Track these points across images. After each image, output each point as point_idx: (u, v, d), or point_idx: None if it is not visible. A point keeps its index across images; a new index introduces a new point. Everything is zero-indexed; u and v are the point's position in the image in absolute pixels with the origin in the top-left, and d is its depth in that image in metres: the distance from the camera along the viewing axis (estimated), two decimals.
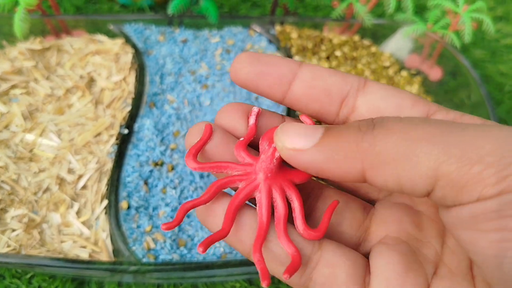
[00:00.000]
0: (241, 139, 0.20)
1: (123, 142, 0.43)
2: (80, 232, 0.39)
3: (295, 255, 0.17)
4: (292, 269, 0.17)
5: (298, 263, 0.17)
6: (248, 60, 0.19)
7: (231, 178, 0.19)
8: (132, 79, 0.49)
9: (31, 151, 0.43)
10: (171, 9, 0.48)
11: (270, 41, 0.56)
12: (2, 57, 0.48)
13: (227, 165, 0.19)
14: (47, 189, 0.41)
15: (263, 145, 0.20)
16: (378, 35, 0.60)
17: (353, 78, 0.19)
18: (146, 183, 0.42)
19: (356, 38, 0.58)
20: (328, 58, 0.55)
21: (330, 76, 0.19)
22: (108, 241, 0.39)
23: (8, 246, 0.37)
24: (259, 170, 0.19)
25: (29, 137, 0.43)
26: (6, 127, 0.44)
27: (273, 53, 0.54)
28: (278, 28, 0.56)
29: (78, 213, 0.40)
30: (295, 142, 0.17)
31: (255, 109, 0.20)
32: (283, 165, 0.19)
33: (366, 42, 0.58)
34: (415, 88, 0.55)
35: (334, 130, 0.17)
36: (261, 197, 0.19)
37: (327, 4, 0.68)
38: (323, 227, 0.18)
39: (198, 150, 0.19)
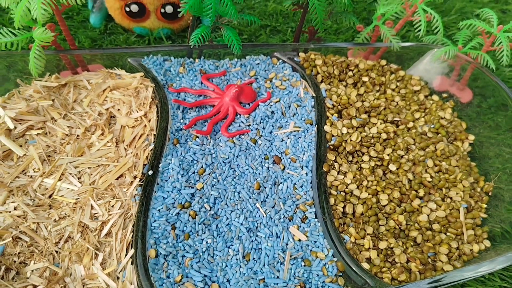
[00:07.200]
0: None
1: (148, 184, 0.41)
2: (106, 285, 0.36)
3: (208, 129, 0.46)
4: (201, 132, 0.45)
5: (205, 133, 0.45)
6: None
7: (212, 99, 0.48)
8: (153, 114, 0.46)
9: (50, 197, 0.40)
10: (192, 41, 0.46)
11: (294, 69, 0.53)
12: (17, 96, 0.45)
13: (208, 91, 0.49)
14: (68, 238, 0.38)
15: (228, 88, 0.48)
16: (403, 58, 0.57)
17: None
18: (173, 228, 0.39)
19: (383, 62, 0.55)
20: (355, 84, 0.53)
21: None
22: None
23: None
24: (226, 96, 0.47)
25: (48, 181, 0.41)
26: (23, 171, 0.41)
27: (298, 81, 0.51)
28: (302, 55, 0.53)
29: (102, 263, 0.37)
30: None
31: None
32: (236, 99, 0.48)
33: (394, 66, 0.56)
34: (448, 113, 0.52)
35: None
36: (224, 109, 0.47)
37: (349, 27, 0.66)
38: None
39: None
